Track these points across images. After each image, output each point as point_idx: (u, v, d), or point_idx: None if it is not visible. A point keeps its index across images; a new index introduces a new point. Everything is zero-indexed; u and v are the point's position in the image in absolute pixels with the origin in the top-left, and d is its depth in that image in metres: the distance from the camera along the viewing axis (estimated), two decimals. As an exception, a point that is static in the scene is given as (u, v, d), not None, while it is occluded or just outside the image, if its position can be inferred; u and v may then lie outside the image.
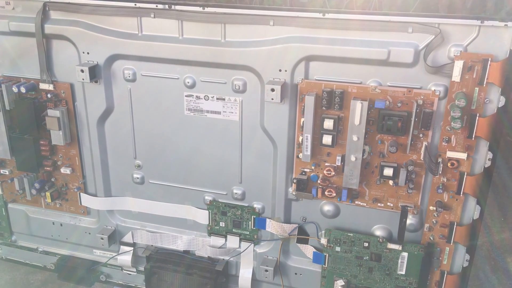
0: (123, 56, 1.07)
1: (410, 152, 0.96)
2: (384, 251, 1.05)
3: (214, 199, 1.17)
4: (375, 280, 1.08)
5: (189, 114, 1.09)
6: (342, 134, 0.98)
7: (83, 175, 1.23)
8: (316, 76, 0.97)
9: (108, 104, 1.13)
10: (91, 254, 1.33)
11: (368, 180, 1.01)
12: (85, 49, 1.08)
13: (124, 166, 1.20)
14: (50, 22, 1.08)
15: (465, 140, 0.91)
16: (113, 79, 1.10)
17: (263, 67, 0.99)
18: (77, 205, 1.27)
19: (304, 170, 1.05)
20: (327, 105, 0.96)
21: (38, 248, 1.38)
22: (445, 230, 0.99)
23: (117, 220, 1.27)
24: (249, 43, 0.98)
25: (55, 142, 1.15)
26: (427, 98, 0.91)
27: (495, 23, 0.84)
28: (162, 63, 1.06)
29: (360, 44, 0.92)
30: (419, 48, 0.90)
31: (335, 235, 1.08)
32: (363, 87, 0.94)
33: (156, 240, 1.25)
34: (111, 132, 1.17)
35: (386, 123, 0.93)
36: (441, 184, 0.96)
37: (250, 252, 1.18)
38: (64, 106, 1.15)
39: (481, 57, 0.85)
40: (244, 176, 1.12)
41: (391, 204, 1.02)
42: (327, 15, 0.91)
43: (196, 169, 1.14)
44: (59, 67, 1.13)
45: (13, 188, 1.28)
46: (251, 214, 1.15)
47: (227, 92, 1.04)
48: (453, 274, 1.04)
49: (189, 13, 0.99)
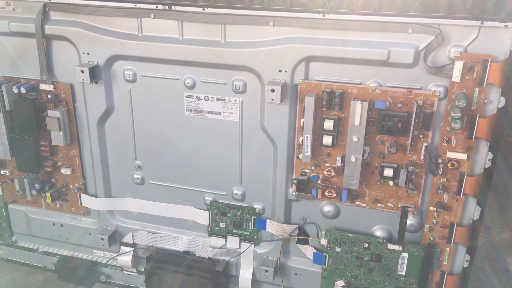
0: (123, 57, 1.07)
1: (410, 153, 0.96)
2: (384, 251, 1.05)
3: (214, 200, 1.17)
4: (375, 280, 1.08)
5: (189, 114, 1.09)
6: (342, 134, 0.98)
7: (83, 175, 1.23)
8: (316, 77, 0.97)
9: (108, 104, 1.13)
10: (92, 254, 1.33)
11: (368, 180, 1.01)
12: (85, 50, 1.08)
13: (124, 167, 1.20)
14: (50, 22, 1.08)
15: (465, 141, 0.91)
16: (113, 80, 1.11)
17: (263, 67, 0.99)
18: (77, 205, 1.27)
19: (304, 171, 1.05)
20: (327, 106, 0.96)
21: (39, 249, 1.38)
22: (445, 231, 0.99)
23: (117, 220, 1.27)
24: (249, 44, 0.98)
25: (55, 142, 1.15)
26: (427, 99, 0.91)
27: (495, 24, 0.83)
28: (162, 63, 1.06)
29: (360, 45, 0.92)
30: (419, 49, 0.90)
31: (335, 235, 1.08)
32: (363, 88, 0.94)
33: (156, 241, 1.25)
34: (111, 132, 1.17)
35: (386, 123, 0.93)
36: (441, 185, 0.96)
37: (250, 253, 1.18)
38: (64, 106, 1.15)
39: (481, 57, 0.85)
40: (244, 176, 1.12)
41: (391, 205, 1.02)
42: (327, 15, 0.91)
43: (196, 170, 1.14)
44: (59, 68, 1.13)
45: (13, 189, 1.28)
46: (251, 214, 1.15)
47: (227, 93, 1.04)
48: (453, 274, 1.04)
49: (189, 14, 0.99)
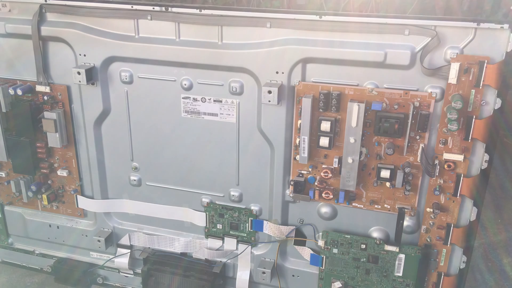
0: (120, 58, 1.07)
1: (407, 154, 0.96)
2: (381, 253, 1.05)
3: (211, 201, 1.16)
4: (373, 282, 1.08)
5: (186, 116, 1.09)
6: (339, 136, 0.98)
7: (80, 177, 1.23)
8: (313, 78, 0.97)
9: (105, 106, 1.12)
10: (88, 256, 1.33)
11: (365, 182, 1.01)
12: (81, 51, 1.08)
13: (121, 168, 1.20)
14: (47, 24, 1.08)
15: (462, 142, 0.92)
16: (110, 81, 1.10)
17: (260, 69, 0.99)
18: (73, 207, 1.27)
19: (301, 172, 1.05)
20: (324, 107, 0.96)
21: (35, 251, 1.37)
22: (442, 232, 0.99)
23: (114, 222, 1.26)
24: (246, 45, 0.98)
25: (52, 144, 1.15)
26: (424, 100, 0.91)
27: (491, 26, 0.84)
28: (159, 65, 1.06)
29: (357, 46, 0.92)
30: (416, 50, 0.90)
31: (332, 237, 1.08)
32: (360, 89, 0.94)
33: (153, 242, 1.24)
34: (108, 134, 1.16)
35: (383, 125, 0.93)
36: (438, 186, 0.96)
37: (247, 254, 1.18)
38: (60, 108, 1.14)
39: (477, 59, 0.85)
40: (241, 178, 1.12)
41: (388, 206, 1.02)
42: (324, 17, 0.91)
43: (193, 171, 1.14)
44: (55, 69, 1.12)
45: (9, 191, 1.28)
46: (248, 216, 1.15)
47: (224, 94, 1.04)
48: (450, 275, 1.04)
49: (186, 15, 0.99)
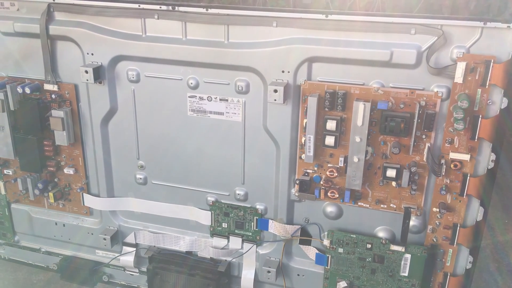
0: (127, 57, 1.08)
1: (413, 153, 0.96)
2: (387, 252, 1.05)
3: (217, 200, 1.17)
4: (378, 281, 1.08)
5: (192, 115, 1.09)
6: (344, 135, 0.98)
7: (86, 175, 1.23)
8: (319, 77, 0.97)
9: (112, 104, 1.13)
10: (94, 254, 1.33)
11: (371, 181, 1.01)
12: (89, 50, 1.08)
13: (127, 167, 1.20)
14: (55, 23, 1.09)
15: (468, 142, 0.91)
16: (117, 80, 1.11)
17: (266, 68, 0.99)
18: (80, 205, 1.28)
19: (307, 171, 1.05)
20: (329, 106, 0.96)
21: (41, 249, 1.38)
22: (449, 232, 0.99)
23: (119, 220, 1.27)
24: (252, 44, 0.99)
25: (59, 142, 1.16)
26: (430, 100, 0.91)
27: (498, 25, 0.84)
28: (165, 64, 1.06)
29: (363, 46, 0.92)
30: (422, 50, 0.90)
31: (337, 236, 1.08)
32: (366, 88, 0.94)
33: (158, 241, 1.25)
34: (114, 132, 1.17)
35: (389, 124, 0.93)
36: (444, 186, 0.96)
37: (252, 253, 1.18)
38: (68, 106, 1.15)
39: (483, 58, 0.85)
40: (247, 177, 1.12)
41: (394, 206, 1.01)
42: (330, 16, 0.92)
43: (199, 170, 1.15)
44: (63, 68, 1.13)
45: (16, 188, 1.28)
46: (253, 215, 1.15)
47: (230, 93, 1.05)
48: (456, 276, 1.03)
49: (192, 15, 0.99)
